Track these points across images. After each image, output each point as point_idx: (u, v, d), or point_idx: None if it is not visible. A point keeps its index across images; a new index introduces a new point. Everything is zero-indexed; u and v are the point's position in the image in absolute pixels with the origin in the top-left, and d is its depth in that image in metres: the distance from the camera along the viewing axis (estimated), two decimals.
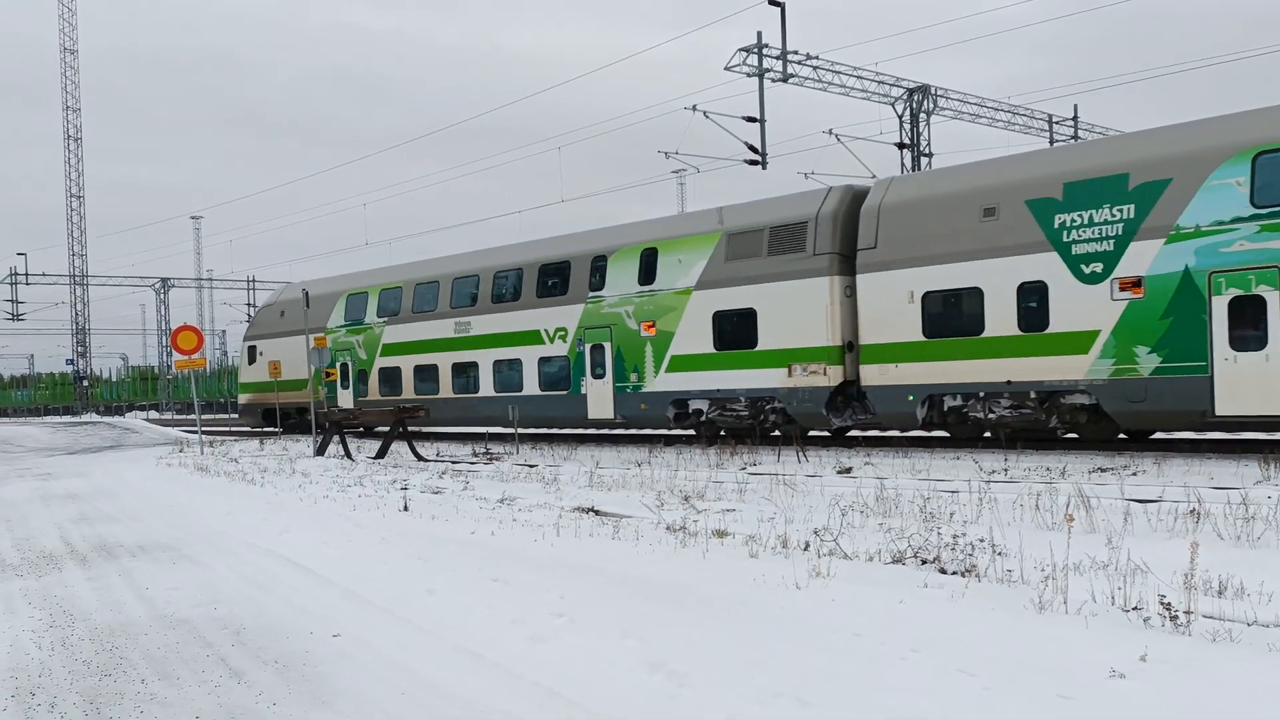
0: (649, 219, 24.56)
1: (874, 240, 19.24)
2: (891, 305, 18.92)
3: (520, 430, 25.87)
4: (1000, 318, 17.54)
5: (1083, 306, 16.61)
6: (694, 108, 30.37)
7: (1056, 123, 39.44)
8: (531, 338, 25.54)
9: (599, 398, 24.12)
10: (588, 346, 24.27)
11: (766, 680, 5.03)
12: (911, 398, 18.78)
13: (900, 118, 36.38)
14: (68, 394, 71.78)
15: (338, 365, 31.03)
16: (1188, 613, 5.62)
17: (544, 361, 25.26)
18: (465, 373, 27.43)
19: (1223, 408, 15.15)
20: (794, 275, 20.49)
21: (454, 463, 20.25)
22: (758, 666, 5.25)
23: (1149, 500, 10.44)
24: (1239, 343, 14.94)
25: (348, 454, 22.77)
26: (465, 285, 27.81)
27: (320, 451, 23.31)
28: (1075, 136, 39.38)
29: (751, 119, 31.14)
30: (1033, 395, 17.40)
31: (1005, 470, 14.73)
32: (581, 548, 8.85)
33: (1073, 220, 16.77)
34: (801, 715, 4.61)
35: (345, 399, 31.17)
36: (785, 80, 32.29)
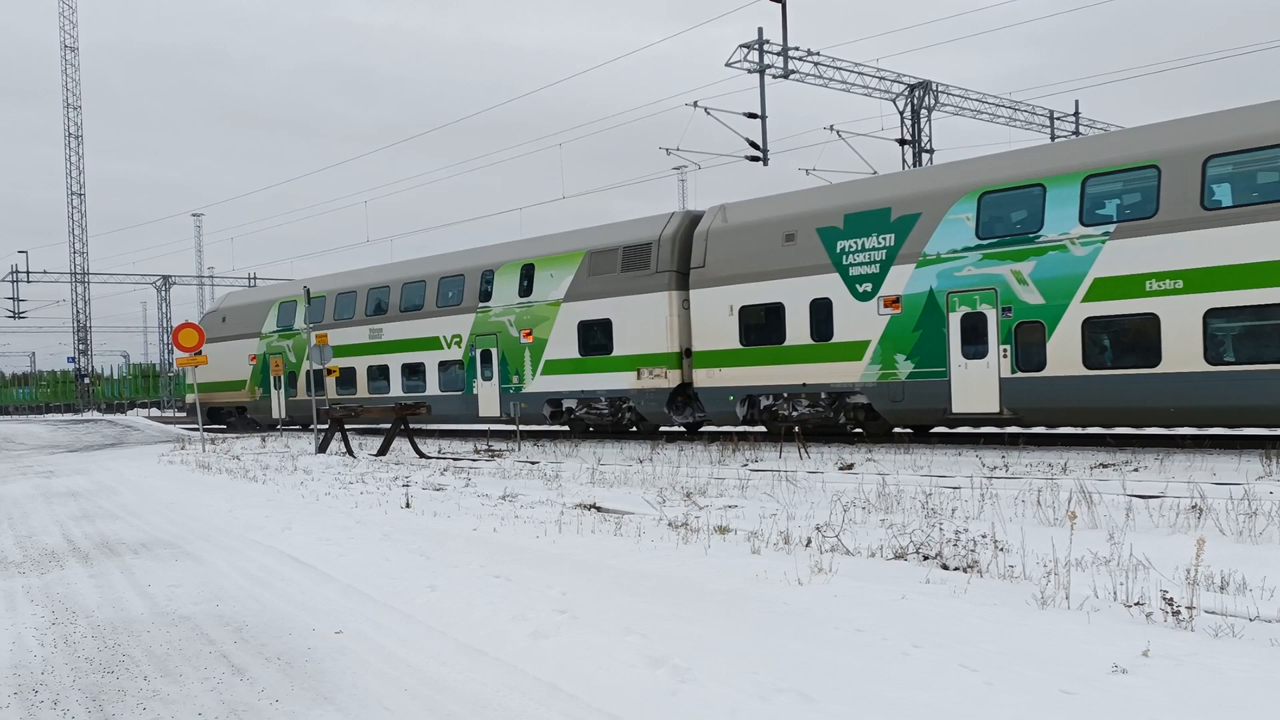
0: (529, 238, 27.23)
1: (703, 260, 22.29)
2: (716, 317, 21.98)
3: (522, 428, 26.13)
4: (798, 329, 20.58)
5: (858, 320, 19.69)
6: (695, 104, 30.35)
7: (1058, 118, 39.37)
8: (433, 344, 28.47)
9: (488, 398, 26.94)
10: (478, 352, 27.20)
11: (769, 676, 5.03)
12: (732, 398, 21.83)
13: (901, 114, 36.34)
14: (69, 392, 71.80)
15: (271, 369, 33.69)
16: (1190, 608, 5.62)
17: (443, 365, 28.14)
18: (379, 375, 30.35)
19: (957, 406, 18.31)
20: (641, 290, 23.52)
21: (455, 460, 20.26)
22: (760, 662, 5.25)
23: (1151, 496, 10.43)
24: (968, 352, 18.18)
25: (349, 451, 22.77)
26: (378, 295, 30.91)
27: (322, 449, 23.32)
28: (1076, 132, 39.32)
29: (753, 115, 31.11)
30: (824, 396, 20.44)
31: (1006, 466, 14.73)
32: (583, 544, 8.85)
33: (850, 246, 19.85)
34: (804, 710, 4.61)
35: (278, 400, 34.37)
36: (786, 76, 32.25)
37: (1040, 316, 17.26)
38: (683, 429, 24.84)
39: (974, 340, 18.04)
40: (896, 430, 21.03)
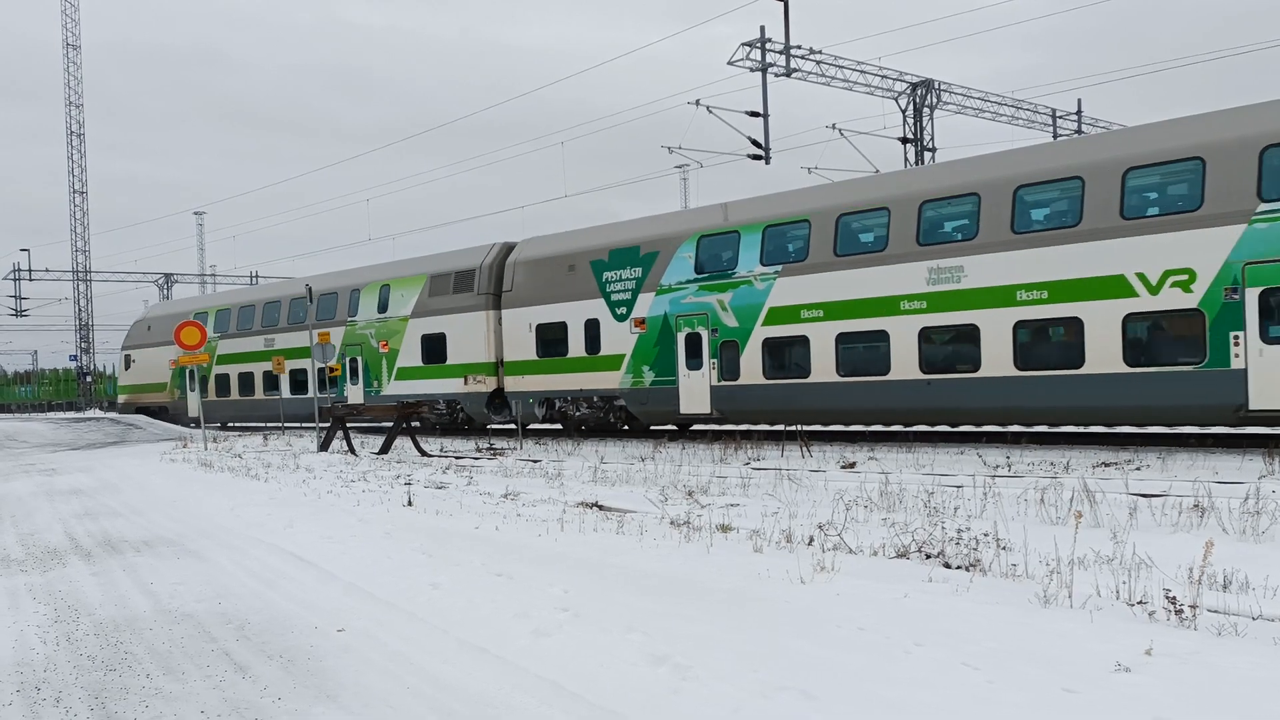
0: (389, 262, 32.33)
1: (511, 285, 26.92)
2: (520, 333, 26.52)
3: (523, 427, 26.31)
4: (577, 344, 25.04)
5: (618, 337, 24.14)
6: (697, 102, 30.34)
7: (1060, 117, 39.34)
8: (303, 353, 32.54)
9: (355, 400, 31.31)
10: (348, 360, 31.49)
11: (770, 674, 5.03)
12: (532, 400, 26.32)
13: (904, 112, 36.32)
14: (71, 390, 71.79)
15: (187, 372, 38.24)
16: (1193, 607, 5.61)
17: (321, 371, 31.85)
18: (273, 380, 34.63)
19: (684, 409, 22.87)
20: (468, 309, 28.14)
21: (457, 458, 20.26)
22: (762, 660, 5.25)
23: (1153, 495, 10.42)
24: (690, 364, 22.73)
25: (351, 449, 22.78)
26: (272, 309, 35.33)
27: (324, 447, 23.33)
28: (1079, 130, 39.28)
29: (755, 114, 31.10)
30: (597, 399, 24.88)
31: (1009, 465, 14.72)
32: (585, 543, 8.85)
33: (612, 277, 24.45)
34: (805, 709, 4.61)
35: (193, 400, 38.17)
36: (788, 75, 32.22)
37: (736, 337, 21.78)
38: (507, 427, 28.56)
39: (694, 355, 22.65)
40: (899, 429, 21.27)
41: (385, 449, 22.64)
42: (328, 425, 24.32)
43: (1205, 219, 15.54)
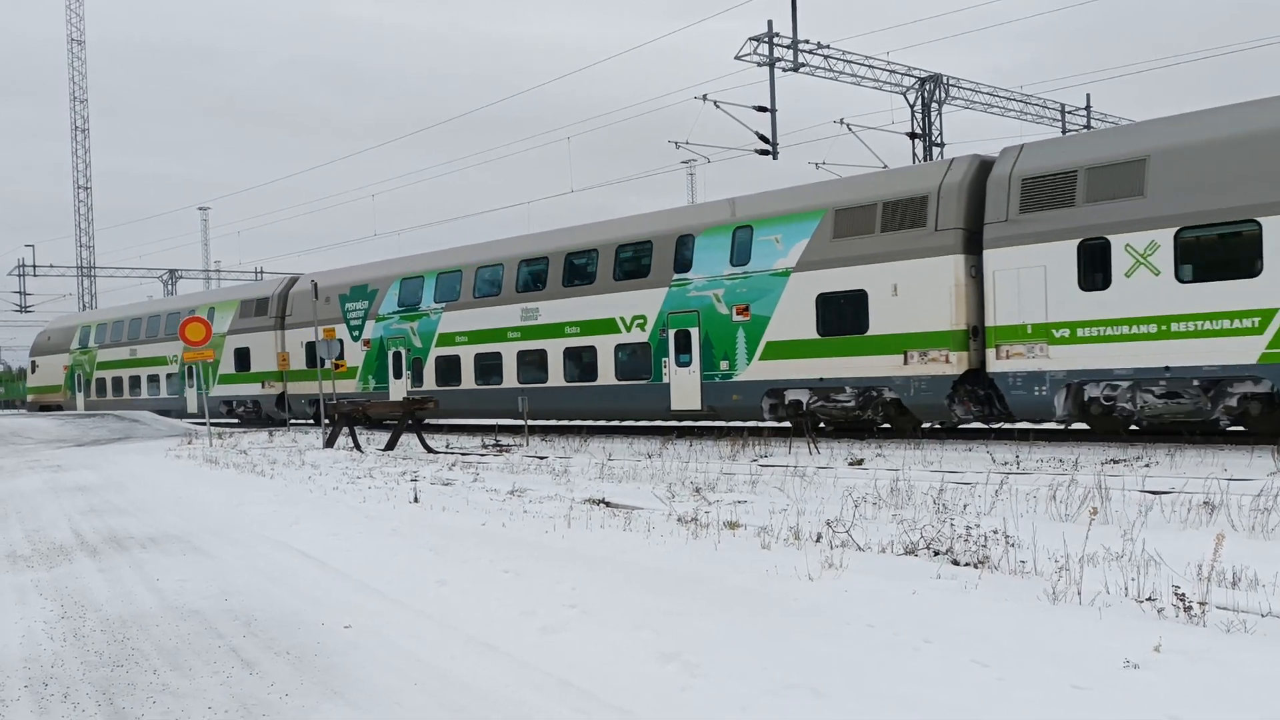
0: (214, 289, 42.57)
1: (290, 311, 34.79)
2: (295, 349, 33.93)
3: (526, 422, 26.27)
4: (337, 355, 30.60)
5: (355, 353, 31.66)
6: (704, 97, 30.31)
7: (1069, 112, 39.24)
8: (160, 361, 40.69)
9: (190, 400, 38.95)
10: (185, 367, 38.78)
11: (780, 671, 5.02)
12: (304, 400, 33.89)
13: (912, 107, 36.24)
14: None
15: (76, 375, 46.17)
16: (1202, 604, 5.59)
17: (168, 377, 40.18)
18: (136, 383, 42.10)
19: (383, 411, 28.55)
20: (262, 329, 35.74)
21: (464, 455, 20.28)
22: (771, 657, 5.23)
23: (1163, 491, 10.40)
24: (395, 373, 30.42)
25: (357, 446, 22.80)
26: (136, 325, 42.50)
27: (329, 443, 23.36)
28: (1088, 125, 39.18)
29: (762, 108, 31.07)
30: (344, 400, 30.45)
31: (1018, 461, 14.69)
32: (593, 539, 8.84)
33: (351, 307, 32.17)
34: (815, 706, 4.59)
35: (80, 400, 45.83)
36: (796, 70, 32.18)
37: (420, 355, 29.60)
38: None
39: (398, 368, 30.48)
40: (893, 426, 21.27)
41: (391, 445, 22.65)
42: (331, 422, 24.35)
43: (652, 283, 23.51)
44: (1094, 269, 16.87)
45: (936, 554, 7.45)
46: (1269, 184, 14.91)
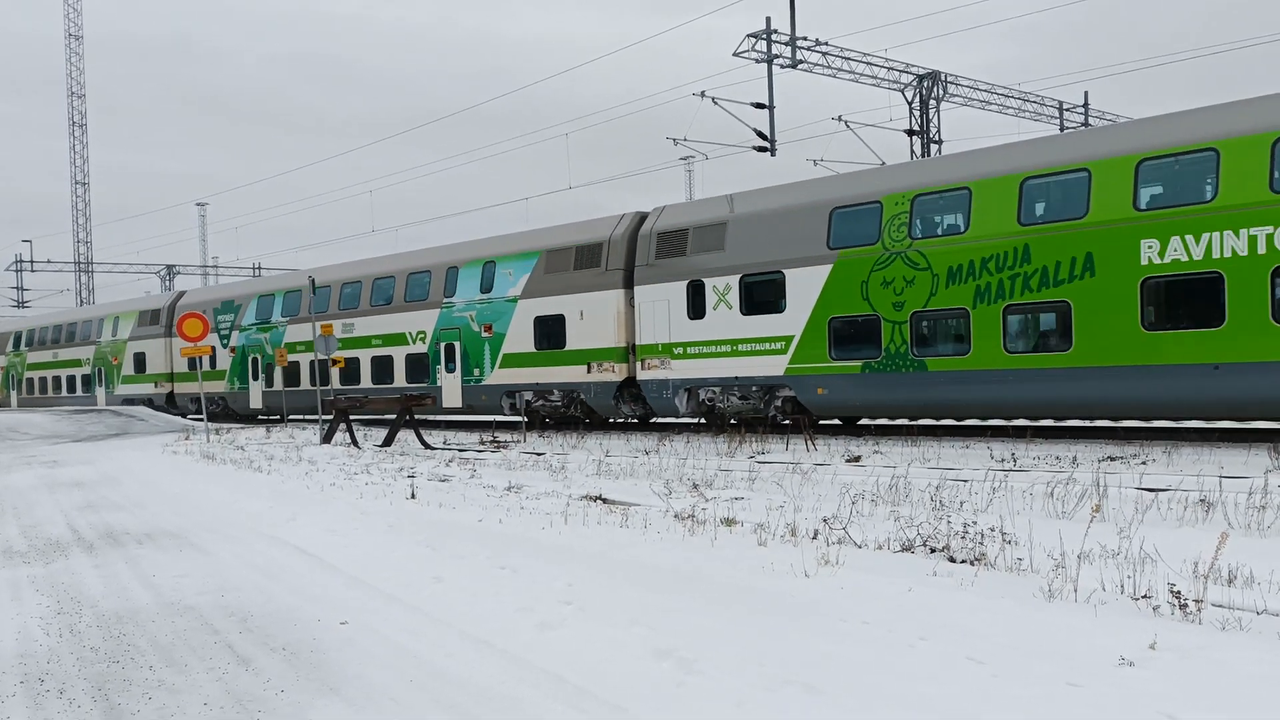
0: (136, 298, 47.58)
1: (171, 328, 39.40)
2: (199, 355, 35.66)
3: (523, 419, 26.34)
4: (207, 364, 36.24)
5: (225, 358, 37.30)
6: (702, 94, 30.27)
7: (1067, 109, 39.23)
8: (76, 363, 45.41)
9: (100, 398, 43.44)
10: (96, 369, 43.94)
11: (775, 667, 5.02)
12: (189, 400, 39.76)
13: (910, 104, 36.23)
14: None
15: (11, 376, 51.06)
16: (1198, 601, 5.60)
17: (83, 378, 44.95)
18: (58, 383, 46.78)
19: (253, 405, 36.13)
20: (152, 337, 41.21)
21: (461, 451, 20.27)
22: (766, 654, 5.23)
23: (1159, 489, 10.41)
24: (254, 376, 35.73)
25: (354, 442, 22.79)
26: (58, 330, 47.08)
27: (327, 439, 23.35)
28: (1086, 123, 39.18)
29: (760, 105, 31.03)
30: (216, 399, 37.65)
31: (1015, 459, 14.70)
32: (589, 535, 8.84)
33: (221, 320, 37.26)
34: (810, 702, 4.59)
35: (14, 398, 50.53)
36: (794, 66, 32.15)
37: (272, 360, 34.70)
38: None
39: (255, 372, 35.77)
40: (904, 423, 21.34)
41: (388, 441, 22.64)
42: (330, 418, 24.33)
43: (429, 305, 28.87)
44: (696, 303, 22.56)
45: (933, 551, 7.46)
46: (788, 246, 20.88)
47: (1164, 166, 16.04)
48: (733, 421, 22.21)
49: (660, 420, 26.15)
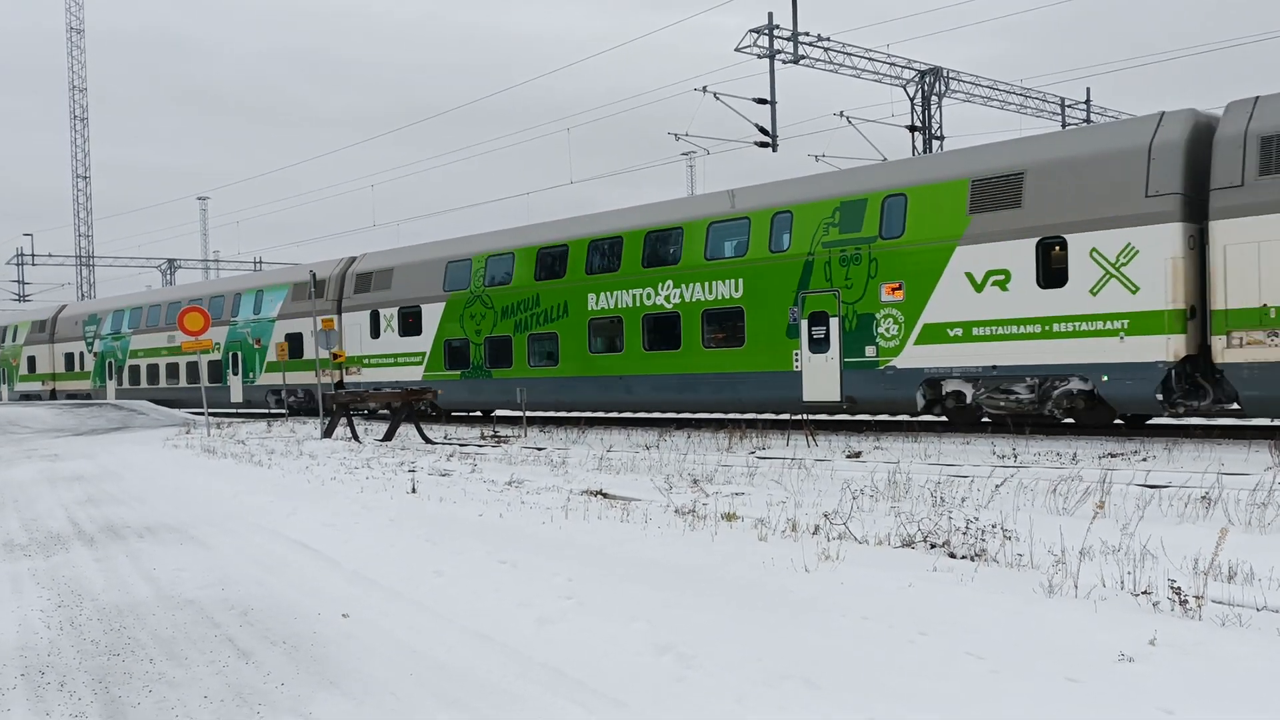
0: (31, 307, 56.21)
1: (88, 335, 46.28)
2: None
3: (528, 414, 26.35)
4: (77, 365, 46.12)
5: (90, 361, 44.96)
6: (704, 89, 30.24)
7: (1069, 106, 39.19)
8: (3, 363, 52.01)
9: (3, 393, 50.01)
10: (3, 369, 50.73)
11: (775, 662, 5.02)
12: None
13: (912, 100, 36.19)
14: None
15: None
16: (1198, 597, 5.59)
17: None
18: None
19: (110, 400, 42.05)
20: (42, 343, 49.28)
21: (461, 445, 20.28)
22: (766, 649, 5.24)
23: (1160, 485, 10.40)
24: (110, 376, 43.19)
25: (355, 436, 22.80)
26: None
27: (327, 434, 23.35)
28: (1088, 119, 39.14)
29: (762, 101, 30.99)
30: (86, 395, 44.86)
31: (1015, 455, 14.70)
32: (590, 530, 8.84)
33: (88, 329, 43.96)
34: (810, 697, 4.60)
35: None
36: (796, 62, 32.11)
37: (121, 364, 42.07)
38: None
39: (111, 372, 42.69)
40: (904, 419, 21.31)
41: (389, 436, 22.65)
42: (331, 412, 24.34)
43: (224, 322, 36.20)
44: (375, 326, 30.77)
45: (934, 547, 7.46)
46: (424, 288, 29.06)
47: (603, 244, 24.47)
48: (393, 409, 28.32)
49: (664, 417, 26.63)
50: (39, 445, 24.35)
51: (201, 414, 32.31)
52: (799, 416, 21.55)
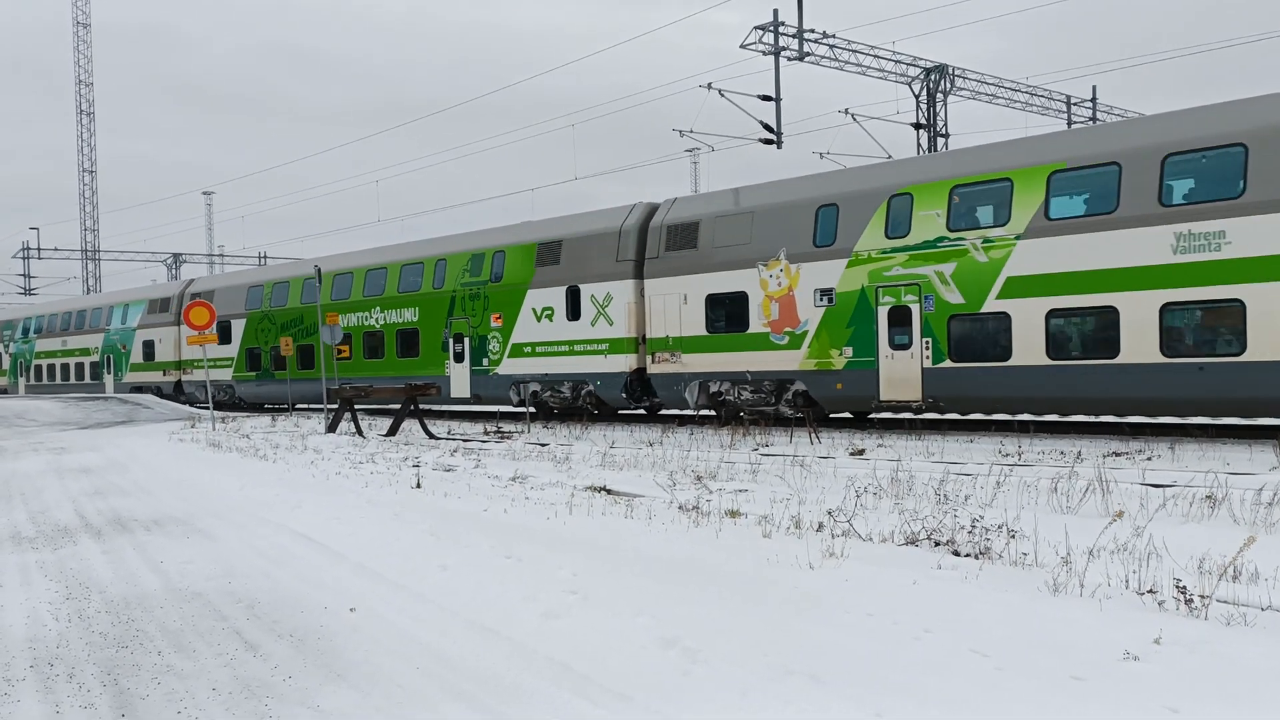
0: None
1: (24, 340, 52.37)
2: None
3: (531, 410, 26.45)
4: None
5: (5, 362, 53.05)
6: (709, 85, 30.22)
7: (1075, 104, 39.12)
8: None
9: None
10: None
11: (779, 658, 5.04)
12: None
13: (917, 98, 36.15)
14: None
15: None
16: (1203, 597, 5.60)
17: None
18: None
19: (20, 393, 48.04)
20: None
21: (465, 441, 20.30)
22: (771, 644, 5.25)
23: (1164, 485, 10.41)
24: (22, 375, 50.54)
25: (359, 431, 22.83)
26: None
27: (332, 428, 23.39)
28: (1094, 118, 39.08)
29: (767, 98, 30.97)
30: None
31: (1020, 454, 14.70)
32: (594, 526, 8.86)
33: (5, 334, 52.86)
34: (814, 693, 4.61)
35: None
36: (801, 59, 32.08)
37: (28, 364, 49.14)
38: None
39: (23, 371, 49.12)
40: (908, 417, 21.37)
41: (393, 431, 22.68)
42: (335, 406, 24.38)
43: (100, 330, 44.56)
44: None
45: (937, 544, 7.47)
46: (239, 306, 36.90)
47: (341, 278, 32.45)
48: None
49: (667, 414, 26.51)
50: (46, 438, 24.42)
51: (204, 408, 32.46)
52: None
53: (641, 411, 27.08)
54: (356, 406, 24.68)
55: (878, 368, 19.29)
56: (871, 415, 21.01)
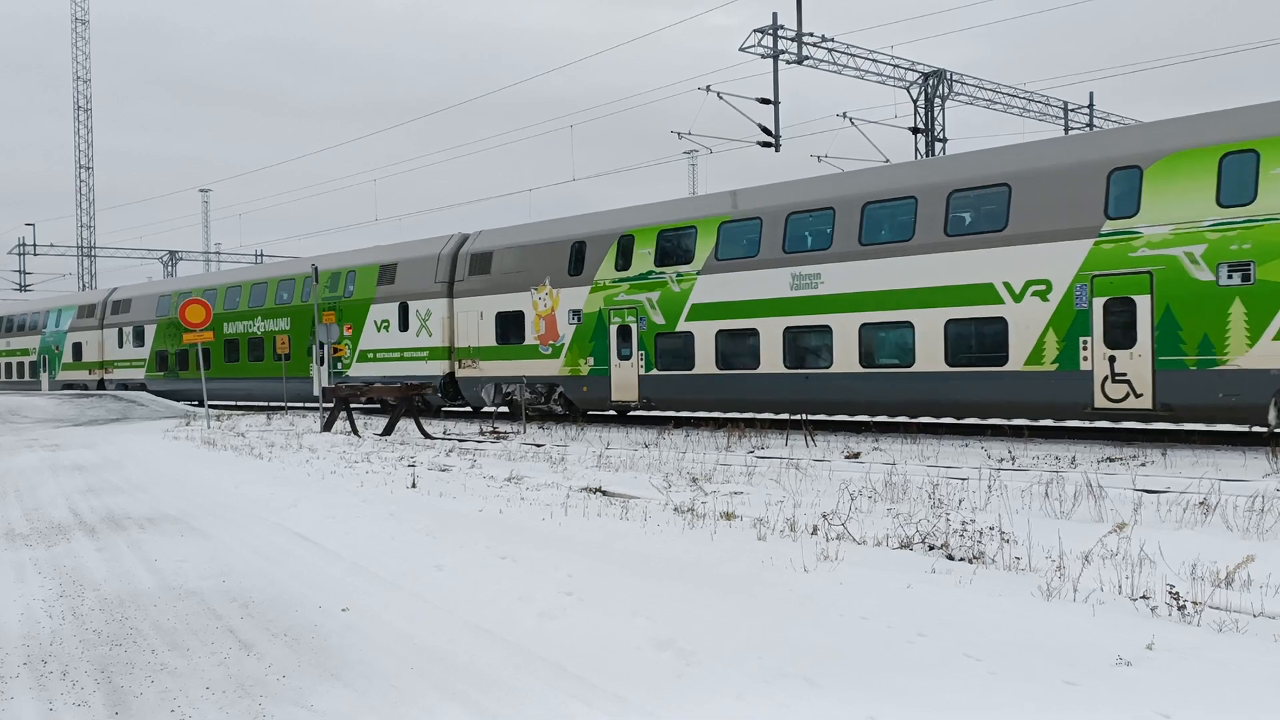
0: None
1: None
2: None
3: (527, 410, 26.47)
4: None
5: None
6: (708, 88, 30.24)
7: (1072, 110, 39.20)
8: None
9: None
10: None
11: (774, 660, 5.05)
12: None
13: (915, 102, 36.20)
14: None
15: None
16: (1196, 603, 5.63)
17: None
18: None
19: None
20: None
21: (461, 441, 20.30)
22: (765, 647, 5.27)
23: (1158, 491, 10.43)
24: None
25: (355, 430, 22.82)
26: None
27: (327, 427, 23.37)
28: (1091, 124, 39.16)
29: (765, 101, 31.00)
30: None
31: (1013, 458, 14.73)
32: (589, 527, 8.87)
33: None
34: (809, 694, 4.63)
35: None
36: (800, 62, 32.12)
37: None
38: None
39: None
40: (903, 420, 21.45)
41: (389, 431, 22.67)
42: (331, 405, 24.35)
43: (38, 331, 49.07)
44: (124, 338, 42.64)
45: (932, 548, 7.49)
46: (150, 313, 41.02)
47: (234, 289, 36.98)
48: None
49: (665, 415, 26.51)
50: (40, 435, 24.37)
51: (199, 405, 32.43)
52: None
53: (467, 409, 31.43)
54: (353, 406, 24.66)
55: (610, 374, 24.00)
56: (604, 411, 26.02)
